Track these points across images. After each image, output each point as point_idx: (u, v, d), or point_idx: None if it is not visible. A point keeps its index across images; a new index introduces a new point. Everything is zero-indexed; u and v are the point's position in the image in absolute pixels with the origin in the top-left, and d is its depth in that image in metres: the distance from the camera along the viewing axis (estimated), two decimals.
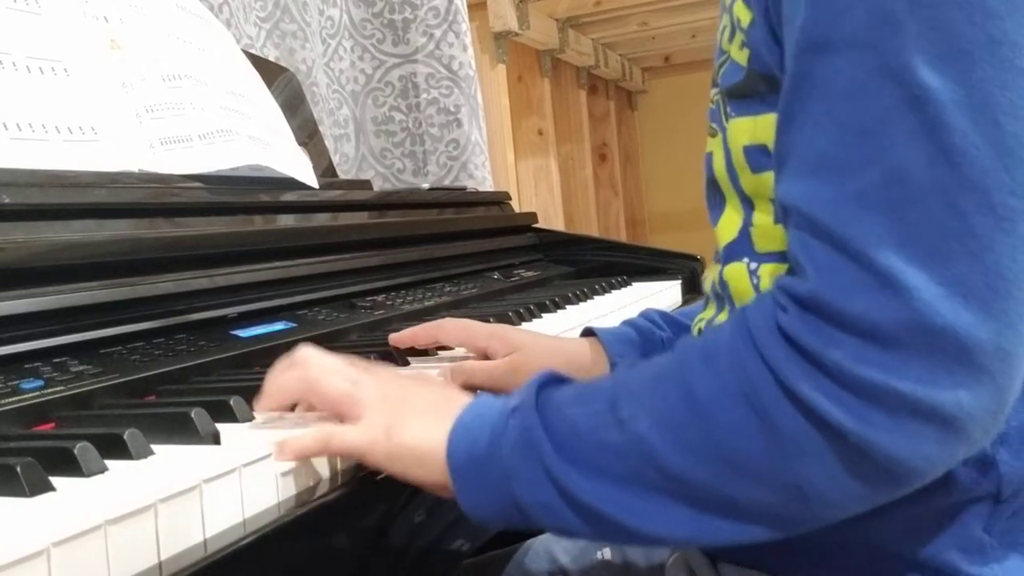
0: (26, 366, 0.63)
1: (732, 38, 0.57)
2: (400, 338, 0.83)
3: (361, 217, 1.18)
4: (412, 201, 1.37)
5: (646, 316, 0.87)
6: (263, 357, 0.79)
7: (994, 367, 0.44)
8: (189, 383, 0.71)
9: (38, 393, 0.60)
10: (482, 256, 1.38)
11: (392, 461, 0.56)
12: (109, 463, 0.49)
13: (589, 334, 0.85)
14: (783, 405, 0.46)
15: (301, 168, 1.07)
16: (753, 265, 0.58)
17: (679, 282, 1.41)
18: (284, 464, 0.53)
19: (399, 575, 0.64)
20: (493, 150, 2.31)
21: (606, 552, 0.76)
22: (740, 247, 0.59)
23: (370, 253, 1.11)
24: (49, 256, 0.68)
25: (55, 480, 0.46)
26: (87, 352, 0.68)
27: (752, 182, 0.57)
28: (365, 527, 0.59)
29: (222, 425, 0.57)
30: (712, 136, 0.62)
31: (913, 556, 0.53)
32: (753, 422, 0.46)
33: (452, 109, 2.13)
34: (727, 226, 0.60)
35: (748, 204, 0.58)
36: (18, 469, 0.45)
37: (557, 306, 1.15)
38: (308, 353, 0.62)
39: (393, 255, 1.16)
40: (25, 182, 0.71)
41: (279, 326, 0.86)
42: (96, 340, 0.69)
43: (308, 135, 1.43)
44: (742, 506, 0.48)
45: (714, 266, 0.63)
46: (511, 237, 1.52)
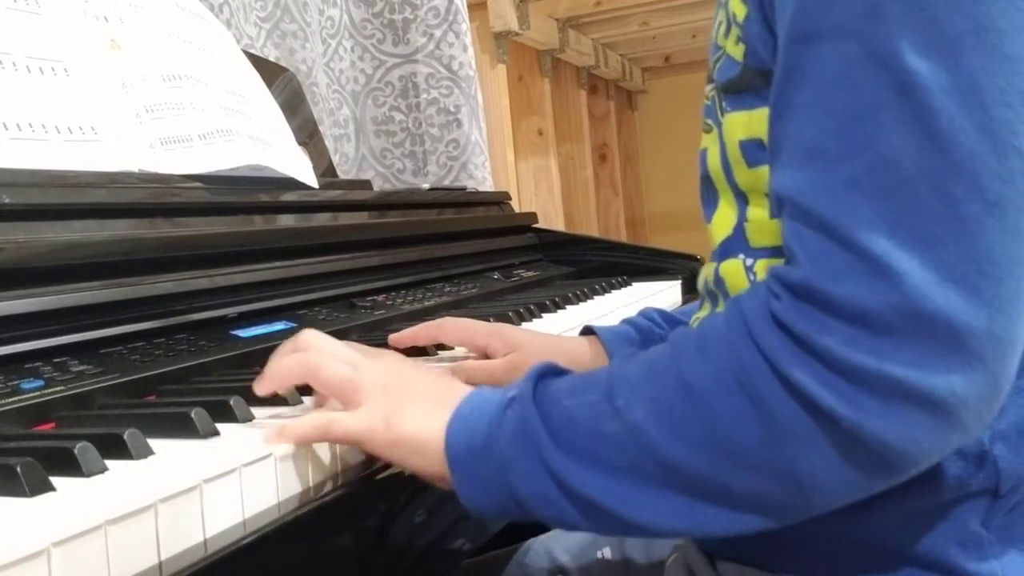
0: (26, 366, 0.63)
1: (728, 33, 0.57)
2: (400, 338, 0.83)
3: (361, 217, 1.18)
4: (412, 201, 1.37)
5: (645, 315, 0.87)
6: (263, 357, 0.79)
7: (986, 352, 0.44)
8: (189, 383, 0.71)
9: (38, 393, 0.60)
10: (482, 256, 1.38)
11: (391, 449, 0.56)
12: (109, 463, 0.49)
13: (589, 333, 0.85)
14: (777, 392, 0.46)
15: (301, 168, 1.07)
16: (749, 261, 0.58)
17: (679, 282, 1.41)
18: (285, 464, 0.53)
19: (399, 575, 0.64)
20: (493, 150, 2.31)
21: (606, 551, 0.76)
22: (735, 243, 0.59)
23: (370, 253, 1.11)
24: (49, 256, 0.68)
25: (55, 480, 0.46)
26: (87, 352, 0.68)
27: (747, 177, 0.57)
28: (365, 527, 0.59)
29: (222, 425, 0.57)
30: (707, 132, 0.62)
31: (911, 551, 0.53)
32: (748, 410, 0.47)
33: (452, 109, 2.13)
34: (721, 222, 0.60)
35: (742, 199, 0.58)
36: (18, 469, 0.45)
37: (557, 306, 1.15)
38: (310, 337, 0.62)
39: (393, 255, 1.16)
40: (25, 182, 0.71)
41: (279, 326, 0.86)
42: (96, 340, 0.69)
43: (308, 135, 1.43)
44: (738, 495, 0.48)
45: (708, 264, 0.63)
46: (511, 237, 1.52)
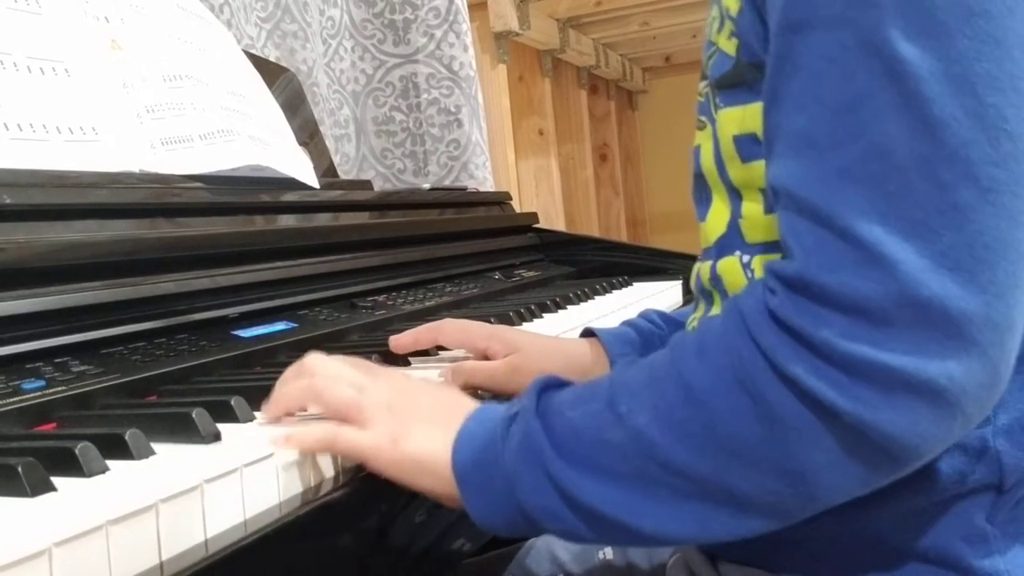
0: (27, 366, 0.63)
1: (721, 29, 0.57)
2: (401, 343, 0.82)
3: (362, 217, 1.18)
4: (413, 201, 1.37)
5: (645, 316, 0.87)
6: (264, 357, 0.80)
7: (984, 339, 0.43)
8: (190, 383, 0.71)
9: (39, 393, 0.60)
10: (483, 256, 1.38)
11: (397, 469, 0.56)
12: (110, 463, 0.49)
13: (589, 335, 0.85)
14: (777, 388, 0.46)
15: (302, 168, 1.07)
16: (746, 258, 0.58)
17: (680, 282, 1.41)
18: (286, 464, 0.53)
19: (400, 575, 0.65)
20: (494, 150, 2.31)
21: (608, 552, 0.75)
22: (731, 240, 0.59)
23: (371, 253, 1.11)
24: (50, 256, 0.68)
25: (56, 480, 0.46)
26: (88, 352, 0.68)
27: (741, 172, 0.57)
28: (366, 527, 0.59)
29: (223, 425, 0.57)
30: (700, 129, 0.62)
31: (916, 548, 0.53)
32: (749, 408, 0.46)
33: (453, 109, 2.13)
34: (715, 220, 0.60)
35: (736, 196, 0.58)
36: (19, 469, 0.45)
37: (558, 306, 1.15)
38: (315, 361, 0.62)
39: (394, 255, 1.16)
40: (26, 182, 0.71)
41: (280, 326, 0.86)
42: (97, 340, 0.69)
43: (309, 135, 1.43)
44: (745, 496, 0.48)
45: (700, 263, 0.63)
46: (512, 237, 1.52)
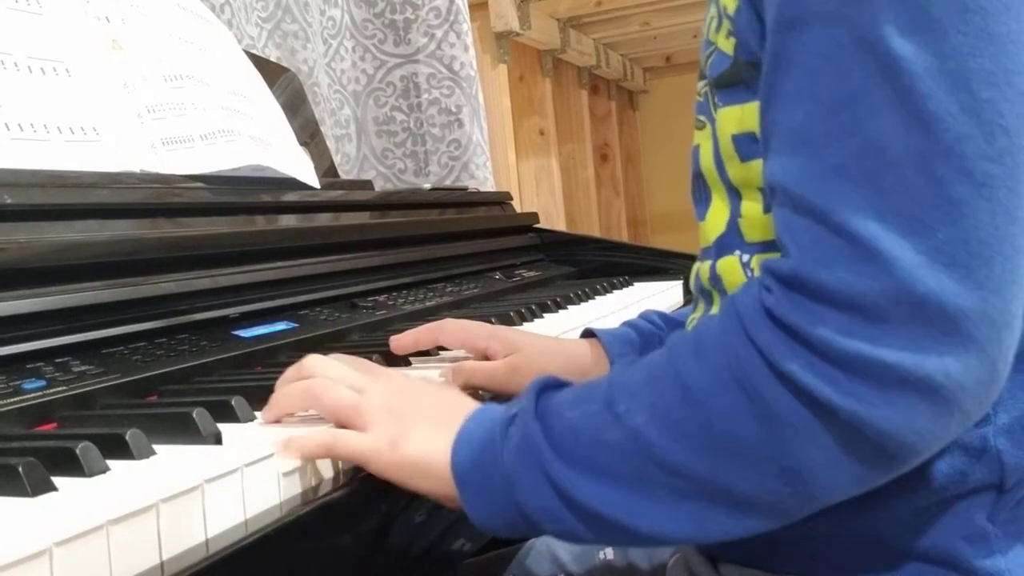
0: (28, 366, 0.63)
1: (719, 28, 0.57)
2: (402, 344, 0.82)
3: (362, 217, 1.18)
4: (413, 201, 1.37)
5: (645, 317, 0.87)
6: (265, 357, 0.80)
7: (980, 335, 0.43)
8: (191, 383, 0.71)
9: (40, 393, 0.60)
10: (483, 256, 1.38)
11: (396, 471, 0.56)
12: (111, 463, 0.49)
13: (589, 335, 0.85)
14: (774, 386, 0.46)
15: (302, 168, 1.07)
16: (745, 257, 0.58)
17: (680, 282, 1.41)
18: (286, 464, 0.53)
19: (400, 575, 0.65)
20: (494, 150, 2.31)
21: (608, 552, 0.76)
22: (730, 239, 0.59)
23: (372, 253, 1.11)
24: (51, 256, 0.68)
25: (57, 480, 0.46)
26: (89, 352, 0.68)
27: (740, 171, 0.57)
28: (367, 527, 0.59)
29: (224, 425, 0.57)
30: (699, 129, 0.62)
31: (917, 548, 0.52)
32: (747, 407, 0.46)
33: (453, 109, 2.13)
34: (715, 219, 0.60)
35: (735, 195, 0.58)
36: (20, 469, 0.45)
37: (559, 306, 1.15)
38: (315, 363, 0.62)
39: (395, 255, 1.16)
40: (27, 182, 0.71)
41: (281, 326, 0.86)
42: (98, 340, 0.69)
43: (309, 135, 1.43)
44: (742, 496, 0.48)
45: (700, 263, 0.63)
46: (512, 237, 1.52)
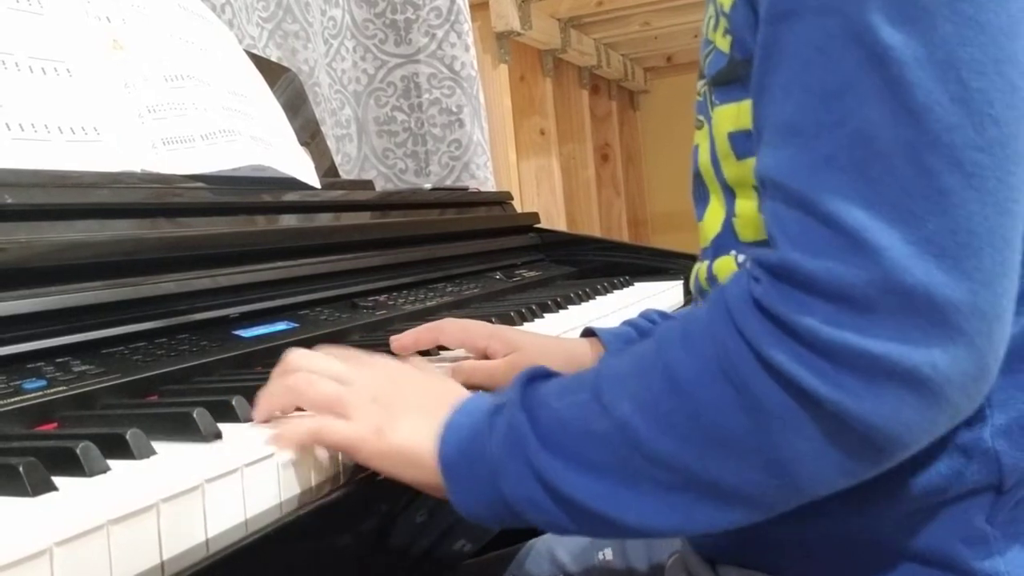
0: (28, 366, 0.63)
1: (716, 26, 0.57)
2: (402, 344, 0.82)
3: (363, 217, 1.18)
4: (414, 201, 1.37)
5: (646, 316, 0.87)
6: (265, 357, 0.80)
7: (970, 327, 0.43)
8: (191, 383, 0.71)
9: (40, 393, 0.60)
10: (484, 256, 1.38)
11: (382, 460, 0.56)
12: (111, 463, 0.49)
13: (590, 334, 0.85)
14: (761, 377, 0.45)
15: (303, 168, 1.07)
16: (740, 257, 0.57)
17: (681, 282, 1.41)
18: (286, 464, 0.53)
19: (401, 575, 0.65)
20: (495, 150, 2.31)
21: (607, 553, 0.76)
22: (726, 239, 0.59)
23: (372, 253, 1.11)
24: (52, 256, 0.68)
25: (57, 480, 0.46)
26: (89, 352, 0.68)
27: (736, 170, 0.57)
28: (367, 527, 0.59)
29: (224, 425, 0.57)
30: (698, 128, 0.62)
31: (915, 550, 0.52)
32: (733, 398, 0.46)
33: (454, 109, 2.13)
34: (712, 219, 0.60)
35: (730, 194, 0.58)
36: (20, 469, 0.45)
37: (559, 306, 1.15)
38: (296, 357, 0.61)
39: (395, 255, 1.16)
40: (28, 182, 0.71)
41: (281, 326, 0.86)
42: (98, 340, 0.69)
43: (310, 135, 1.43)
44: (728, 487, 0.47)
45: (701, 263, 0.63)
46: (513, 237, 1.52)
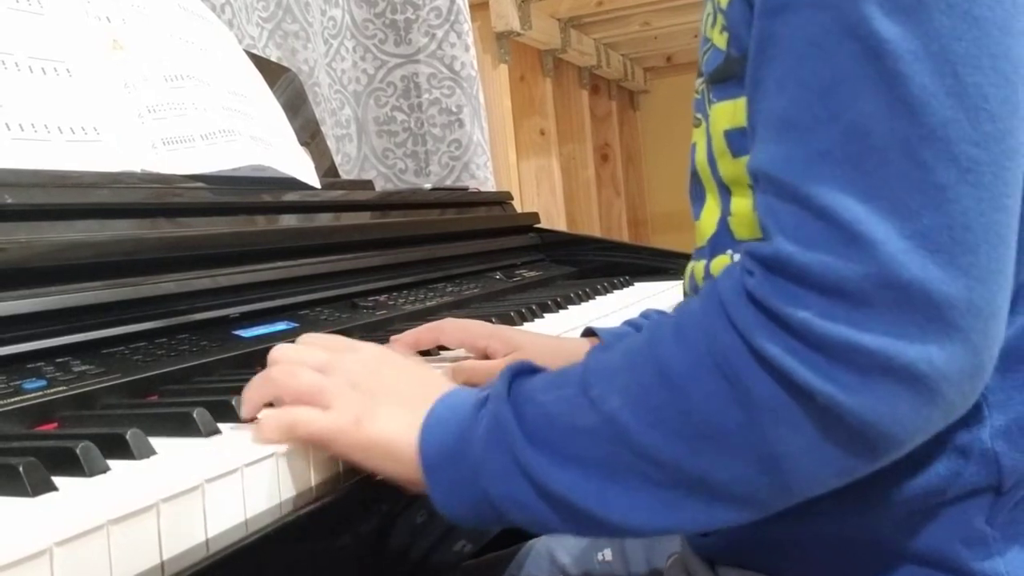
0: (28, 366, 0.63)
1: (714, 23, 0.57)
2: (403, 344, 0.82)
3: (363, 217, 1.18)
4: (414, 201, 1.37)
5: (647, 316, 0.87)
6: (265, 357, 0.79)
7: (965, 324, 0.43)
8: (191, 383, 0.71)
9: (40, 393, 0.60)
10: (484, 256, 1.38)
11: (361, 452, 0.55)
12: (111, 463, 0.49)
13: (590, 334, 0.85)
14: (754, 370, 0.45)
15: (303, 168, 1.07)
16: (736, 256, 0.57)
17: (681, 282, 1.41)
18: (287, 464, 0.53)
19: (400, 575, 0.65)
20: (495, 150, 2.31)
21: (606, 554, 0.76)
22: (722, 238, 0.58)
23: (372, 253, 1.11)
24: (51, 256, 0.68)
25: (57, 480, 0.46)
26: (89, 352, 0.68)
27: (732, 167, 0.57)
28: (367, 527, 0.59)
29: (224, 425, 0.57)
30: (696, 127, 0.62)
31: (915, 551, 0.52)
32: (726, 391, 0.45)
33: (454, 109, 2.13)
34: (708, 218, 0.60)
35: (726, 192, 0.58)
36: (20, 469, 0.45)
37: (559, 306, 1.15)
38: (277, 352, 0.60)
39: (395, 255, 1.16)
40: (28, 182, 0.71)
41: (281, 326, 0.86)
42: (98, 340, 0.69)
43: (310, 135, 1.43)
44: (717, 484, 0.46)
45: (694, 262, 0.62)
46: (513, 237, 1.52)
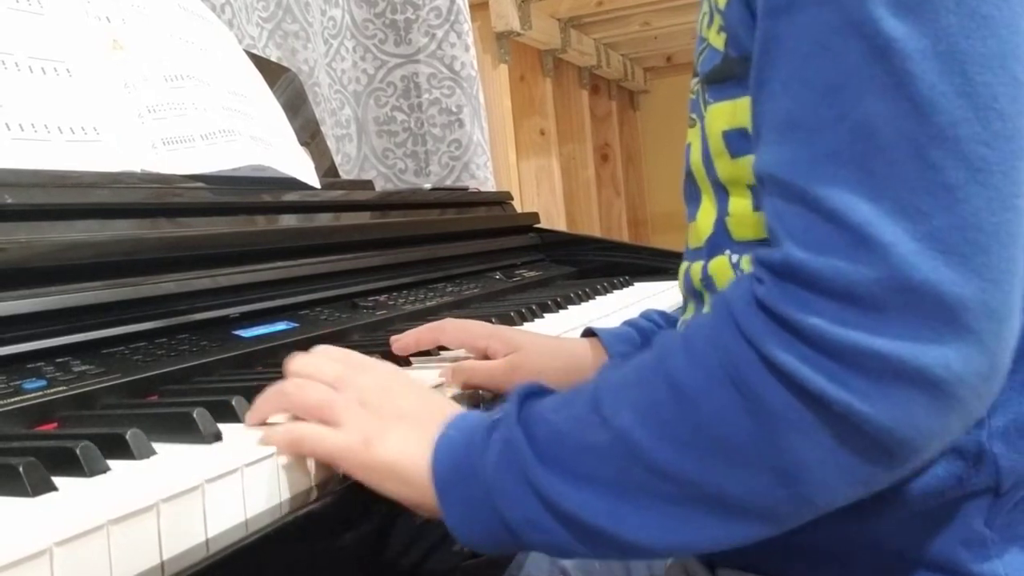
0: (29, 366, 0.63)
1: (711, 23, 0.57)
2: (403, 344, 0.82)
3: (363, 217, 1.18)
4: (414, 201, 1.37)
5: (646, 316, 0.87)
6: (265, 357, 0.80)
7: (980, 326, 0.42)
8: (191, 383, 0.71)
9: (41, 393, 0.60)
10: (484, 256, 1.38)
11: (368, 472, 0.54)
12: (111, 463, 0.49)
13: (590, 334, 0.85)
14: (766, 379, 0.44)
15: (303, 168, 1.07)
16: (735, 257, 0.57)
17: None
18: (287, 464, 0.53)
19: None
20: (495, 150, 2.31)
21: None
22: (720, 239, 0.58)
23: (372, 253, 1.11)
24: (52, 256, 0.68)
25: (57, 480, 0.46)
26: (89, 352, 0.68)
27: (730, 168, 0.56)
28: (367, 528, 0.59)
29: (224, 425, 0.57)
30: (691, 127, 0.61)
31: (914, 553, 0.52)
32: (739, 403, 0.44)
33: (454, 109, 2.13)
34: (705, 219, 0.59)
35: (723, 193, 0.57)
36: (20, 469, 0.45)
37: (559, 306, 1.15)
38: (292, 364, 0.60)
39: (395, 255, 1.16)
40: (28, 182, 0.71)
41: (281, 326, 0.86)
42: (98, 340, 0.69)
43: (310, 135, 1.43)
44: (735, 500, 0.46)
45: (691, 263, 0.62)
46: (513, 237, 1.52)
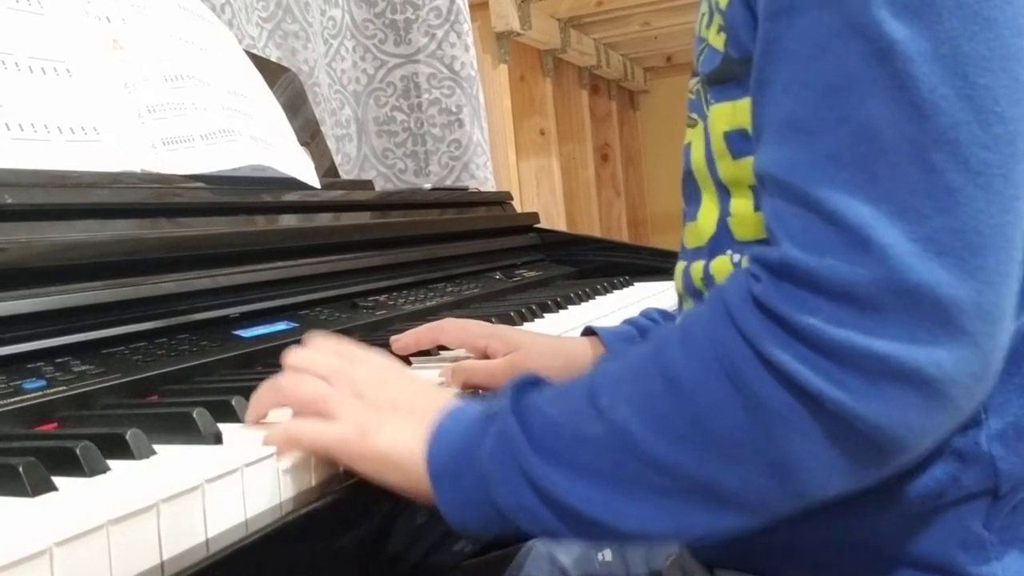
0: (28, 366, 0.63)
1: (710, 23, 0.57)
2: (403, 344, 0.82)
3: (363, 217, 1.18)
4: (414, 201, 1.37)
5: (647, 315, 0.87)
6: (265, 357, 0.80)
7: (974, 327, 0.43)
8: (191, 383, 0.71)
9: (40, 393, 0.60)
10: (484, 256, 1.38)
11: (364, 462, 0.55)
12: (111, 463, 0.49)
13: (590, 333, 0.85)
14: (762, 376, 0.44)
15: (303, 168, 1.07)
16: (736, 257, 0.57)
17: None
18: (287, 464, 0.53)
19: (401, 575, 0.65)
20: (495, 150, 2.31)
21: (606, 555, 0.75)
22: (721, 239, 0.58)
23: (372, 253, 1.11)
24: (51, 256, 0.68)
25: (57, 480, 0.46)
26: (89, 352, 0.68)
27: (731, 169, 0.56)
28: (368, 527, 0.59)
29: (224, 425, 0.57)
30: (691, 127, 0.62)
31: (913, 555, 0.52)
32: (734, 398, 0.45)
33: (454, 109, 2.13)
34: (706, 219, 0.59)
35: (725, 193, 0.58)
36: (20, 469, 0.45)
37: (559, 306, 1.15)
38: (289, 357, 0.60)
39: (395, 255, 1.16)
40: (28, 182, 0.71)
41: (281, 326, 0.86)
42: (98, 340, 0.69)
43: (310, 135, 1.43)
44: (725, 491, 0.46)
45: (690, 263, 0.62)
46: (513, 237, 1.52)
